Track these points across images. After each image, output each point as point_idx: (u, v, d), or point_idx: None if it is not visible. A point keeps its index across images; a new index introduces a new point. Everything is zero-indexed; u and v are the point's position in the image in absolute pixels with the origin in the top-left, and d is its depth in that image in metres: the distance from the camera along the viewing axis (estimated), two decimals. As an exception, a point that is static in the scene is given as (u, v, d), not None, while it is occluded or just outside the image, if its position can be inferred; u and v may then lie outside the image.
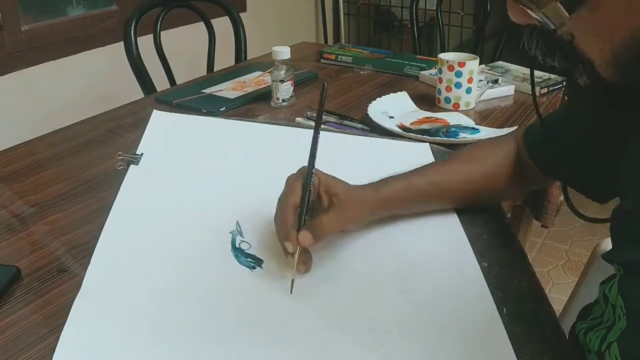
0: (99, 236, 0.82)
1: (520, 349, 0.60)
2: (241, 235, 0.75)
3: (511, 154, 0.84)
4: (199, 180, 0.87)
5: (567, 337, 0.69)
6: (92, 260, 0.73)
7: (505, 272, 0.72)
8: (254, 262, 0.71)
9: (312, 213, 0.71)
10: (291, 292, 0.65)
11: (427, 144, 1.02)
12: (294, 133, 1.05)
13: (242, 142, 0.98)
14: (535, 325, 0.64)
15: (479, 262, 0.73)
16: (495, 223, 0.83)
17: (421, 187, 0.79)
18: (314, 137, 0.71)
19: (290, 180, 0.71)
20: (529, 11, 0.48)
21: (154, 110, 1.03)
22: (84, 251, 0.79)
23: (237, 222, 0.77)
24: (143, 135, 0.97)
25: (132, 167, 0.87)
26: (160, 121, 1.00)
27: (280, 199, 0.71)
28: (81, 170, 1.03)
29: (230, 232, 0.76)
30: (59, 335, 0.63)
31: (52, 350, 0.61)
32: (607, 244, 1.02)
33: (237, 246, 0.74)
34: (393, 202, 0.77)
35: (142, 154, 0.90)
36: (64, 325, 0.64)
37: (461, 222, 0.82)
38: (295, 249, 0.66)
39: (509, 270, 0.72)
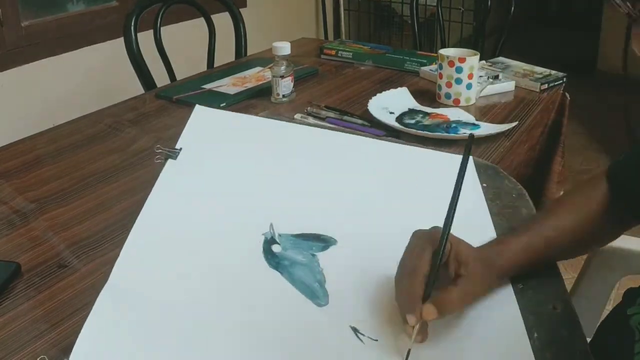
0: (100, 231, 0.82)
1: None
2: (274, 238, 0.75)
3: (606, 196, 0.76)
4: (236, 179, 0.86)
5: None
6: (121, 252, 0.72)
7: (539, 295, 0.68)
8: (283, 265, 0.71)
9: (437, 279, 0.64)
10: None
11: (471, 157, 0.95)
12: (336, 137, 1.01)
13: (283, 143, 0.97)
14: (566, 354, 0.61)
15: (513, 283, 0.70)
16: None
17: (537, 246, 0.72)
18: (453, 198, 0.63)
19: (420, 242, 0.64)
20: None
21: (196, 105, 1.01)
22: (84, 247, 0.79)
23: (271, 225, 0.76)
24: (184, 130, 0.95)
25: (169, 161, 0.87)
26: (201, 117, 0.99)
27: (406, 262, 0.64)
28: (81, 166, 1.03)
29: (263, 234, 0.75)
30: (60, 330, 0.63)
31: (53, 345, 0.62)
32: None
33: (269, 248, 0.73)
34: (514, 267, 0.70)
35: (181, 149, 0.89)
36: (64, 320, 0.65)
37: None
38: (417, 323, 0.59)
39: (544, 294, 0.69)
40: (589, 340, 0.76)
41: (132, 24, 1.64)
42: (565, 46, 4.06)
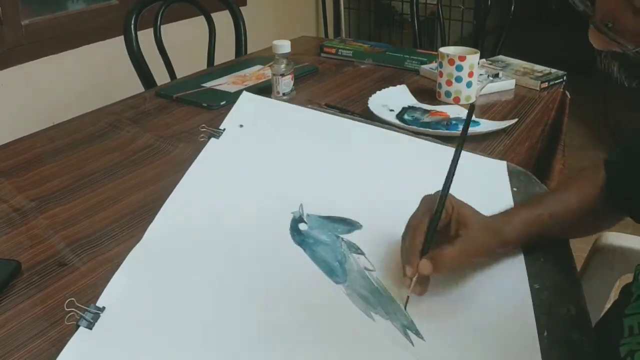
0: (100, 230, 0.82)
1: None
2: (302, 217, 0.78)
3: (603, 183, 0.79)
4: (273, 161, 0.91)
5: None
6: (157, 215, 0.77)
7: (555, 297, 0.69)
8: (307, 243, 0.74)
9: (439, 239, 0.69)
10: (405, 309, 0.65)
11: (505, 162, 0.97)
12: (373, 131, 1.05)
13: (323, 132, 1.01)
14: (574, 354, 0.61)
15: (530, 284, 0.70)
16: (556, 252, 0.79)
17: (543, 220, 0.76)
18: (453, 159, 0.68)
19: (426, 202, 0.70)
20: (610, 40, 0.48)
21: (244, 92, 1.06)
22: (84, 245, 0.79)
23: (301, 205, 0.80)
24: (229, 113, 1.00)
25: (212, 140, 0.92)
26: (246, 102, 1.04)
27: (410, 222, 0.70)
28: (81, 165, 1.03)
29: (292, 213, 0.78)
30: (61, 329, 0.63)
31: (53, 344, 0.62)
32: (607, 239, 1.02)
33: (296, 226, 0.77)
34: (520, 236, 0.74)
35: (224, 129, 0.95)
36: (64, 319, 0.64)
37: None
38: (413, 275, 0.65)
39: (559, 296, 0.70)
40: None
41: (132, 22, 1.64)
42: (566, 45, 4.06)
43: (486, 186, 0.90)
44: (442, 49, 1.31)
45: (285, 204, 0.80)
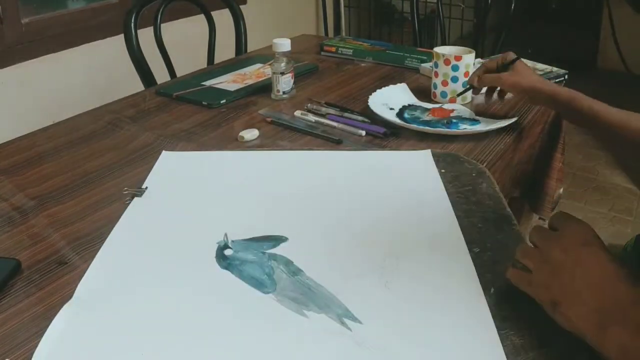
0: (100, 228, 0.82)
1: (502, 324, 0.62)
2: (227, 244, 0.78)
3: None
4: (197, 207, 0.89)
5: None
6: (87, 270, 0.73)
7: (498, 255, 0.73)
8: (233, 265, 0.74)
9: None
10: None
11: (429, 150, 1.03)
12: (290, 155, 1.06)
13: (244, 168, 1.01)
14: (520, 304, 0.63)
15: (470, 248, 0.74)
16: (494, 215, 0.82)
17: (582, 106, 0.98)
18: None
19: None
20: None
21: (163, 151, 1.05)
22: (84, 244, 0.79)
23: (225, 234, 0.80)
24: (150, 172, 0.98)
25: (135, 199, 0.89)
26: (167, 160, 1.03)
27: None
28: (81, 163, 1.03)
29: (217, 242, 0.78)
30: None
31: (53, 342, 0.62)
32: (605, 236, 1.02)
33: (221, 253, 0.76)
34: (546, 92, 1.04)
35: (146, 188, 0.93)
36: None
37: (456, 214, 0.83)
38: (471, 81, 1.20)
39: (502, 254, 0.73)
40: None
41: (132, 20, 1.64)
42: (567, 43, 4.05)
43: (415, 173, 0.97)
44: (437, 49, 1.30)
45: (212, 239, 0.79)
